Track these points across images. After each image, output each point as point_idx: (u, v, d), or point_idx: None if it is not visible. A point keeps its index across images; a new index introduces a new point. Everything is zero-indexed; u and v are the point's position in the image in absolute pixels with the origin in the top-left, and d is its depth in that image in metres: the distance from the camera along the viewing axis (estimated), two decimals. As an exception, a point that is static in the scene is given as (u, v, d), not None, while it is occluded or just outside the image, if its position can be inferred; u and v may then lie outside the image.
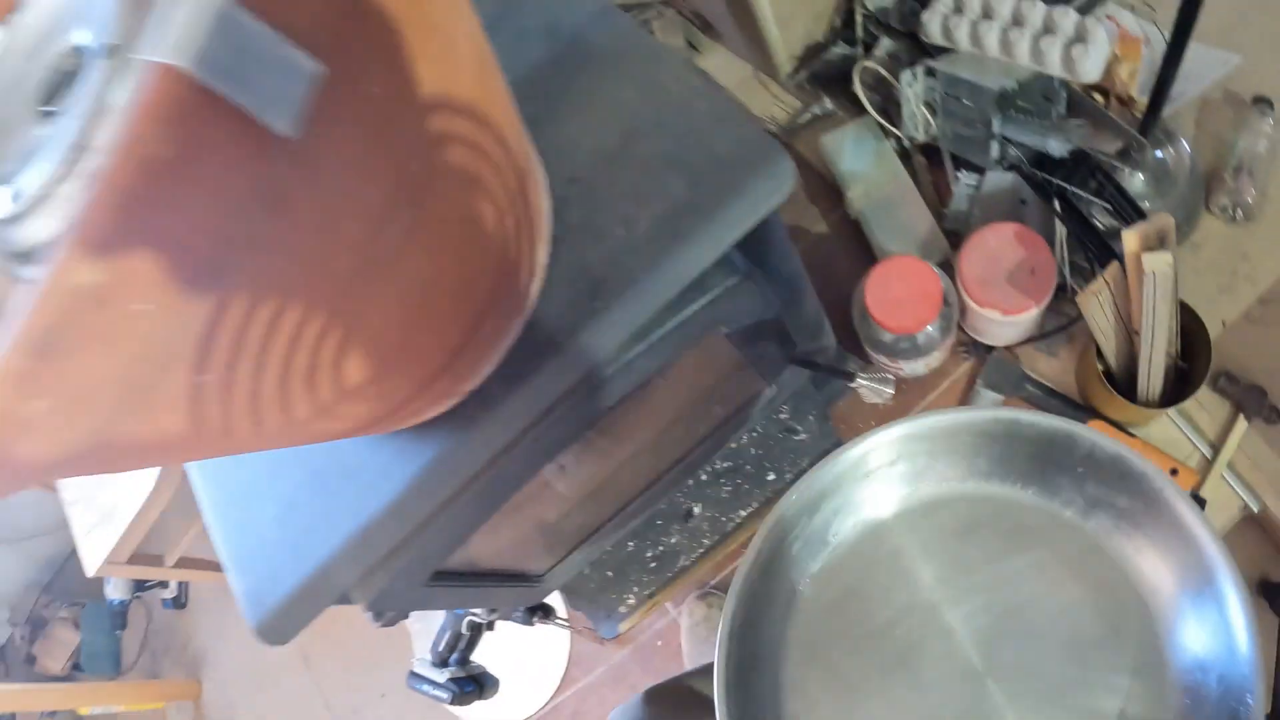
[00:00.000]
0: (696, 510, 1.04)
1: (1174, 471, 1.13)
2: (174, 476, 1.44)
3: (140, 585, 1.90)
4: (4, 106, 0.34)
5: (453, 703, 0.88)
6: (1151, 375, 1.04)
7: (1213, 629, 0.49)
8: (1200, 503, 1.13)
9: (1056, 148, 1.06)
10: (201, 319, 0.31)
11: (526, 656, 1.36)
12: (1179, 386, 1.05)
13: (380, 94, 0.34)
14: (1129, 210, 1.07)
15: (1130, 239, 0.93)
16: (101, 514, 1.51)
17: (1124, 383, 1.08)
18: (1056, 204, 1.09)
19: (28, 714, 1.86)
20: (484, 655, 0.94)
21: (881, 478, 0.58)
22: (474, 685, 0.90)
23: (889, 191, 1.24)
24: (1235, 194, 1.15)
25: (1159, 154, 1.11)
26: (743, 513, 1.07)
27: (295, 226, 0.32)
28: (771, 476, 1.04)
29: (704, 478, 1.00)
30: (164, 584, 1.90)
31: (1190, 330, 1.03)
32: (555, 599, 1.10)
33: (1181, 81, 0.96)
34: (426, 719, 1.48)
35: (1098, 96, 1.08)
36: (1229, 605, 0.48)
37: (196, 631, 1.89)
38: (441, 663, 0.91)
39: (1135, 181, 1.12)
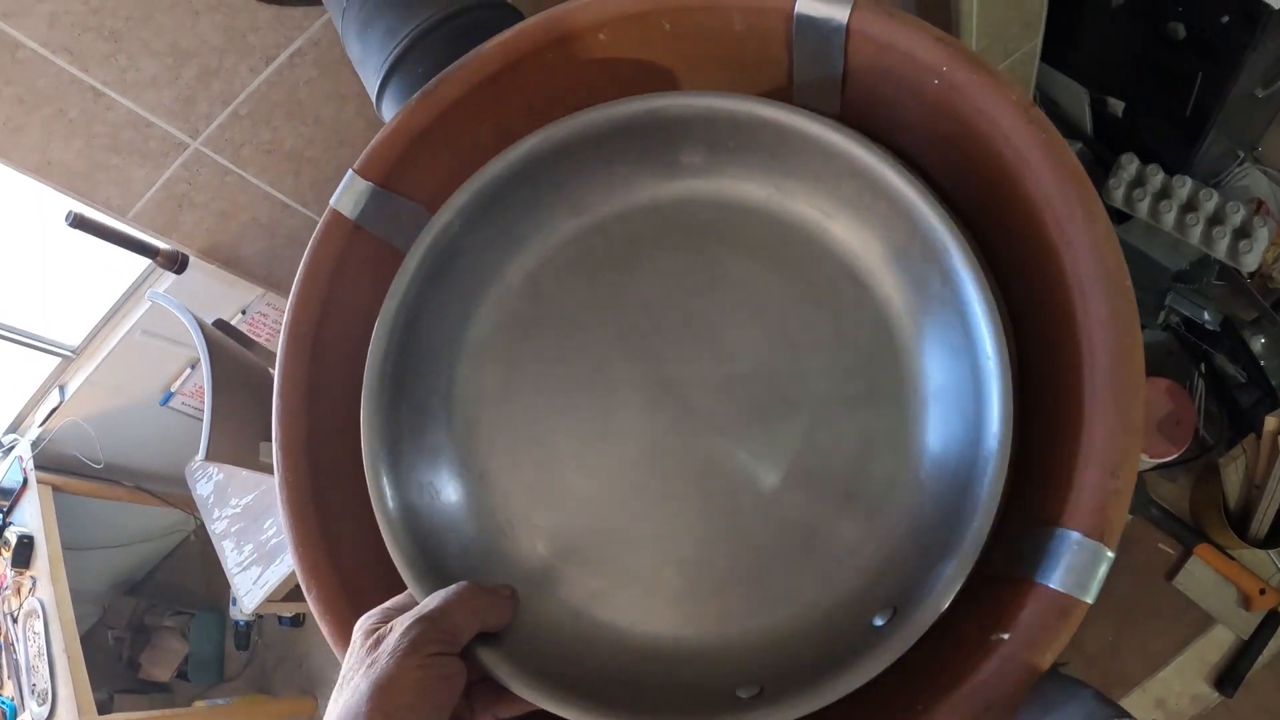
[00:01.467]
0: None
1: (1261, 591, 1.30)
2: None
3: (262, 606, 1.98)
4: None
5: None
6: (1264, 520, 1.23)
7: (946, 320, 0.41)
8: (1278, 618, 1.31)
9: (1210, 320, 1.22)
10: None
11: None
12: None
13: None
14: (1261, 379, 1.24)
15: (1271, 421, 1.15)
16: (260, 552, 1.60)
17: (1235, 518, 1.26)
18: (1202, 366, 1.25)
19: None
20: None
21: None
22: None
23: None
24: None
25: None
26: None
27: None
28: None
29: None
30: (284, 604, 1.98)
31: (1295, 482, 1.21)
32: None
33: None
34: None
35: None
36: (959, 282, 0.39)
37: (313, 650, 1.99)
38: None
39: (1257, 342, 1.29)
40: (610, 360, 0.49)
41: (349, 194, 0.48)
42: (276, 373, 0.47)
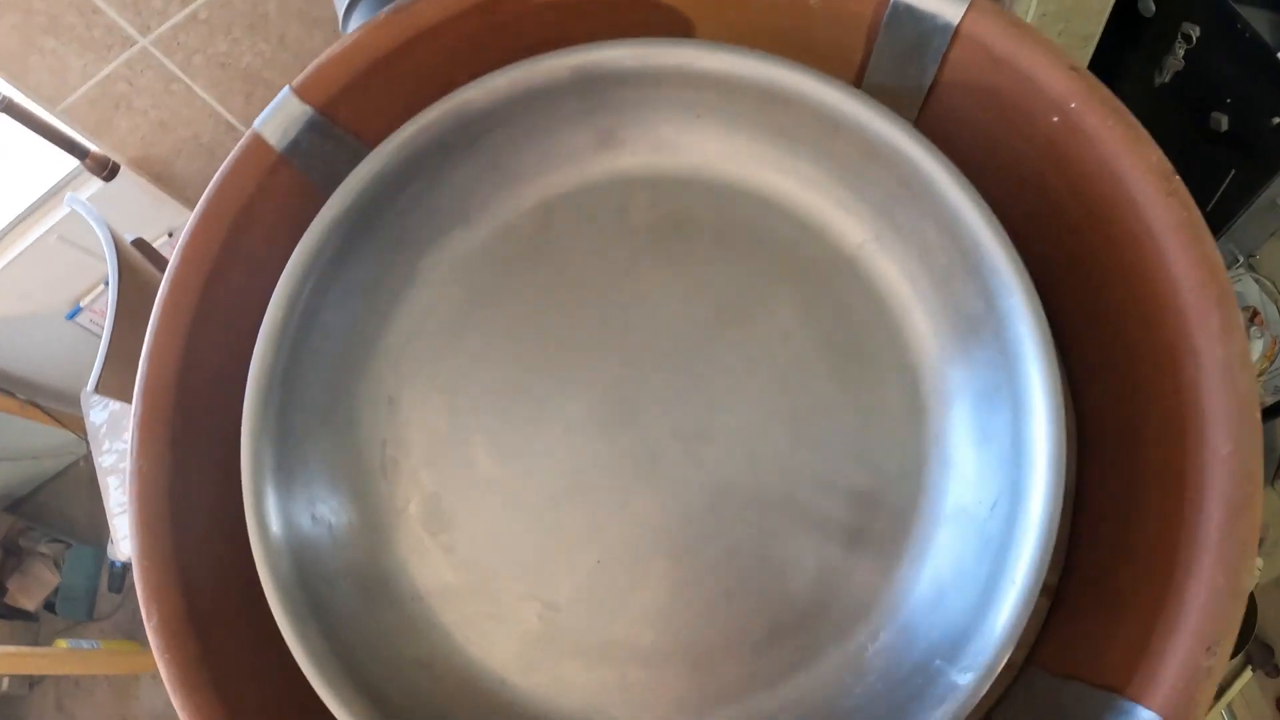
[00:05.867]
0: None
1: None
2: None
3: (145, 551, 1.84)
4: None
5: None
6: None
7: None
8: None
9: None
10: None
11: None
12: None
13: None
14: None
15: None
16: (148, 496, 1.47)
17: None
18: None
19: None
20: None
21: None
22: None
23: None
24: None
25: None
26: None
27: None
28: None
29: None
30: (169, 554, 1.84)
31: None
32: None
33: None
34: None
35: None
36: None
37: (191, 607, 1.85)
38: None
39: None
40: (583, 344, 0.39)
41: (280, 117, 0.38)
42: (149, 333, 0.37)
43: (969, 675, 0.28)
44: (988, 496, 0.32)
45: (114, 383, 1.01)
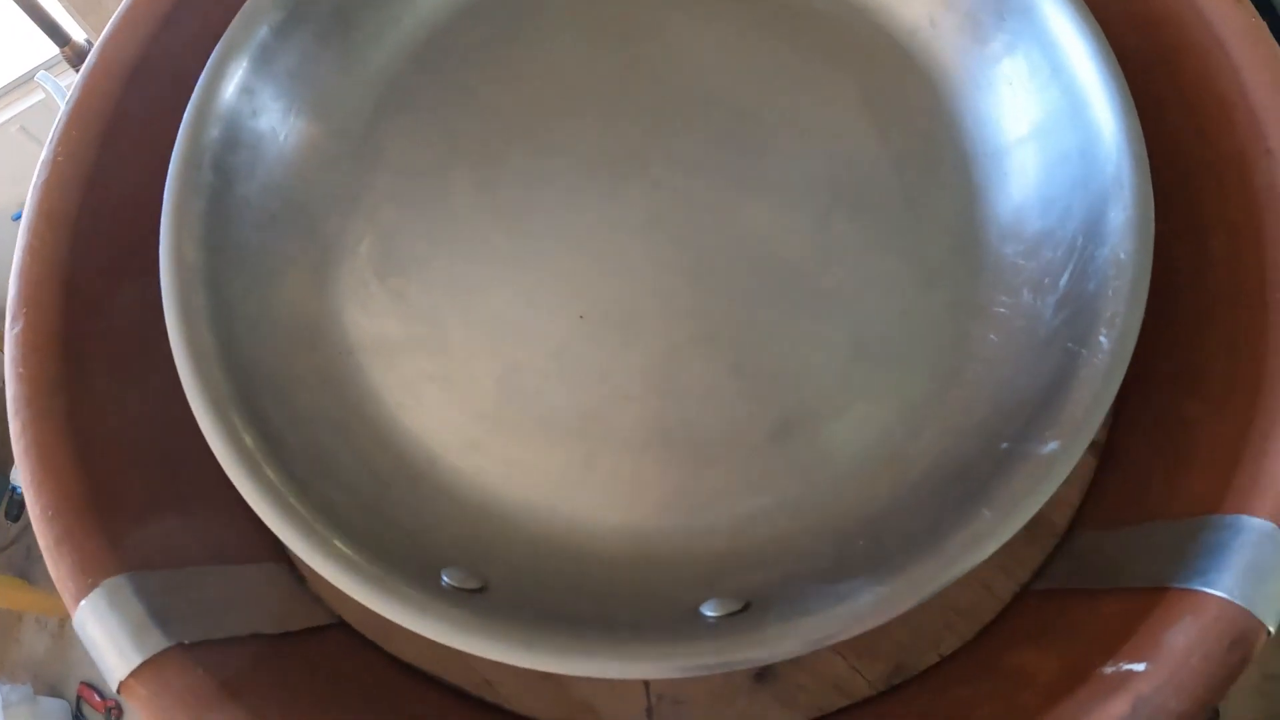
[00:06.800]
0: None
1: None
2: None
3: (51, 481, 1.73)
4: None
5: None
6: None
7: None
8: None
9: None
10: None
11: None
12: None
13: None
14: None
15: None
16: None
17: None
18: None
19: None
20: None
21: None
22: None
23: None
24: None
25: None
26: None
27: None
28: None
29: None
30: (76, 488, 1.74)
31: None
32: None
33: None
34: None
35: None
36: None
37: (91, 548, 1.74)
38: None
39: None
40: (603, 91, 0.35)
41: None
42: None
43: (1054, 444, 0.24)
44: (1054, 270, 0.29)
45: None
